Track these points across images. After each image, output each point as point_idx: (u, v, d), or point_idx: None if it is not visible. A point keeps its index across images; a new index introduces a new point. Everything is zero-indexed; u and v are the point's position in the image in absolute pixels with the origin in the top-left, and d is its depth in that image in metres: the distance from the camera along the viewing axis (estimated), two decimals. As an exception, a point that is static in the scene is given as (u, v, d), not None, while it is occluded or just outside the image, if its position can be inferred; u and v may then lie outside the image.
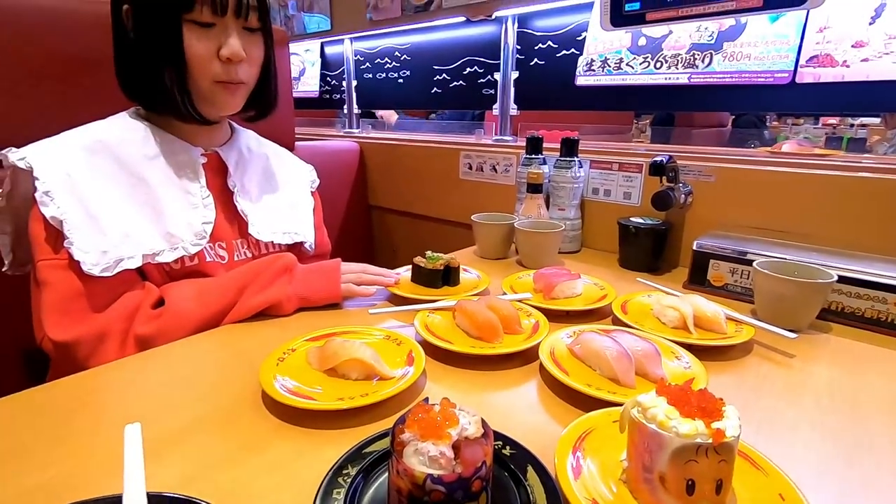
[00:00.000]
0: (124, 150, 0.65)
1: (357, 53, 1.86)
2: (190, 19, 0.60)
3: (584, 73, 1.23)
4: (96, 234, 0.60)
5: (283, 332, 0.62)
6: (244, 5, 0.62)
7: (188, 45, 0.61)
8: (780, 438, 0.44)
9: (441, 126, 1.95)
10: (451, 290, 0.76)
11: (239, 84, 0.66)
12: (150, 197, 0.65)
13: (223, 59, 0.63)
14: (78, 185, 0.60)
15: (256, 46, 0.67)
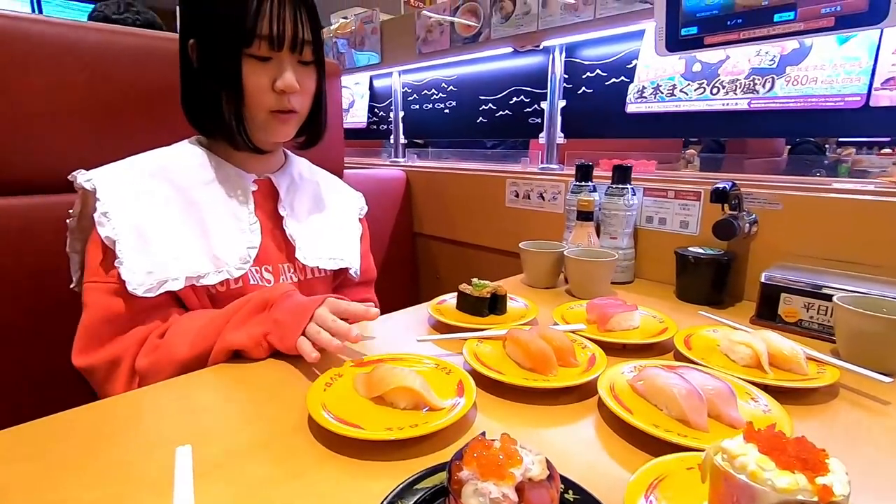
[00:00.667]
0: (181, 175, 0.69)
1: (405, 86, 1.91)
2: (249, 53, 0.64)
3: (634, 101, 1.21)
4: (145, 255, 0.61)
5: (331, 357, 0.61)
6: (299, 41, 0.65)
7: (246, 77, 0.64)
8: (886, 497, 0.38)
9: (485, 155, 1.96)
10: (498, 318, 0.74)
11: (291, 113, 0.69)
12: (200, 220, 0.67)
13: (277, 91, 0.66)
14: (134, 206, 0.63)
15: (309, 78, 0.70)
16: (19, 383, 0.77)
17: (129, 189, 0.64)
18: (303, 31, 0.65)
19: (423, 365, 0.56)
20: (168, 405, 0.51)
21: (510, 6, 1.20)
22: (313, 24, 0.67)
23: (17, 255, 0.74)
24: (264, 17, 0.62)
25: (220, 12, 0.63)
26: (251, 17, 0.61)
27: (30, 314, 0.76)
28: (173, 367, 0.58)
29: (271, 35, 0.63)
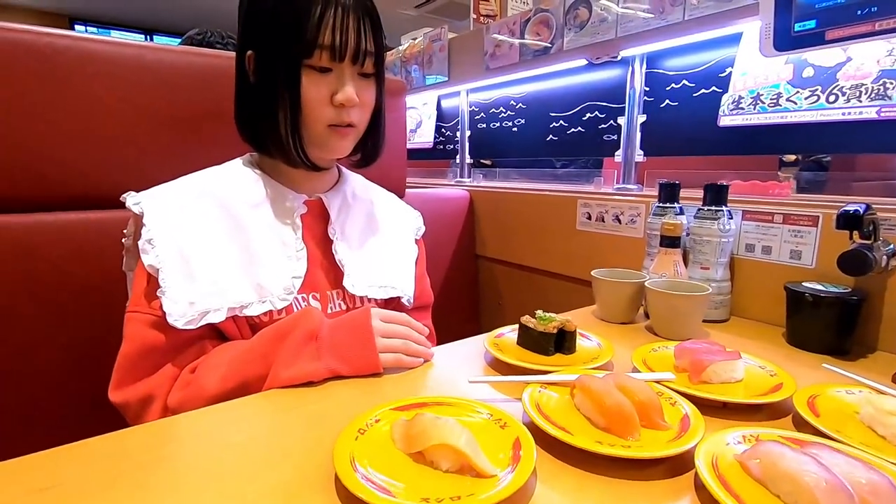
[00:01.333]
0: (230, 196, 0.66)
1: (472, 105, 1.87)
2: (309, 65, 0.61)
3: (729, 113, 1.07)
4: (188, 284, 0.59)
5: (369, 394, 0.54)
6: (361, 52, 0.62)
7: (305, 89, 0.61)
8: None
9: (554, 175, 1.86)
10: (565, 358, 0.64)
11: (349, 128, 0.65)
12: (246, 246, 0.64)
13: (336, 104, 0.62)
14: (179, 232, 0.61)
15: (369, 91, 0.66)
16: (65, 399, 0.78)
17: (176, 214, 0.62)
18: (365, 42, 0.62)
19: (475, 415, 0.47)
20: (199, 436, 0.47)
21: (585, 14, 1.12)
22: (376, 35, 0.63)
23: (74, 268, 0.76)
24: (327, 26, 0.59)
25: (280, 22, 0.60)
26: (313, 26, 0.58)
27: (85, 326, 0.77)
28: (204, 403, 0.53)
29: (333, 45, 0.60)
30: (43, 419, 0.76)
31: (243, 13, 0.65)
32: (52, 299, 0.75)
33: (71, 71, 0.76)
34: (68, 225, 0.76)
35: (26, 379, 0.74)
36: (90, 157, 0.78)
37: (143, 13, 6.39)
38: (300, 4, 0.58)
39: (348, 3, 0.59)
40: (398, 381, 0.59)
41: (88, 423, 0.73)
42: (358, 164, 0.75)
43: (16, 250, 0.72)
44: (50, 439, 0.44)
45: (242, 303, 0.61)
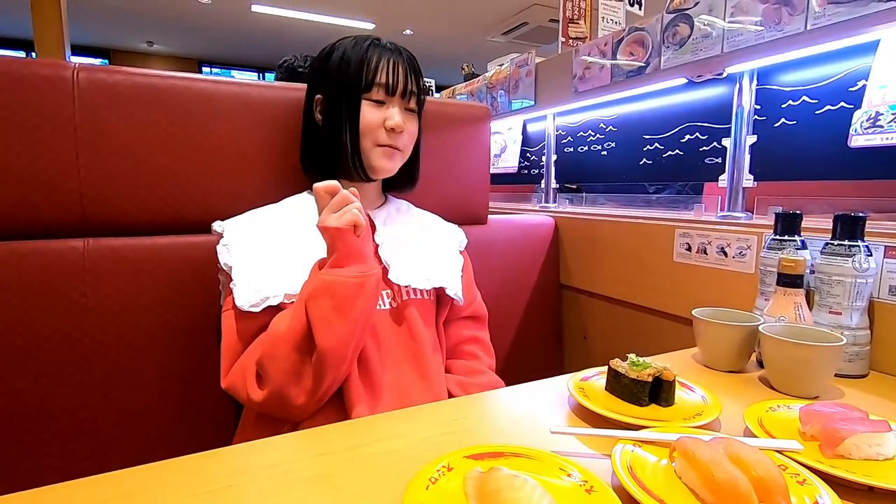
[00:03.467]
0: (293, 215, 0.78)
1: (559, 128, 1.82)
2: (367, 98, 0.77)
3: (863, 132, 0.93)
4: (254, 276, 0.69)
5: (441, 436, 0.51)
6: (408, 91, 0.78)
7: (363, 116, 0.76)
8: None
9: (647, 200, 1.75)
10: (662, 412, 0.56)
11: (396, 150, 0.79)
12: (302, 249, 0.72)
13: (387, 129, 0.77)
14: (249, 239, 0.73)
15: (413, 123, 0.81)
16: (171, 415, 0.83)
17: (248, 227, 0.75)
18: (411, 84, 0.78)
19: (555, 474, 0.43)
20: (267, 468, 0.46)
21: (686, 30, 1.04)
22: (418, 80, 0.80)
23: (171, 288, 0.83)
24: (383, 69, 0.76)
25: (347, 67, 0.76)
26: (371, 69, 0.76)
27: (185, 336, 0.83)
28: (280, 345, 0.63)
29: (387, 83, 0.76)
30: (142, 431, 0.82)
31: (314, 71, 0.82)
32: (167, 316, 0.82)
33: (188, 108, 0.84)
34: (186, 246, 0.84)
35: (127, 395, 0.81)
36: (201, 185, 0.86)
37: (257, 54, 7.16)
38: (364, 54, 0.76)
39: (399, 56, 0.78)
40: (473, 422, 0.56)
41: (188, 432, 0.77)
42: (397, 188, 0.89)
43: (139, 270, 0.80)
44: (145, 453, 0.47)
45: (296, 290, 0.67)
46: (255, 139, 0.89)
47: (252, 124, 0.88)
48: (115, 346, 0.79)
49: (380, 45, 0.78)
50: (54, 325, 0.76)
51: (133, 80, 0.81)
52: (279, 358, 0.63)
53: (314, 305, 0.62)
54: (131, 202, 0.81)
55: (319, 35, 6.24)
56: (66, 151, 0.77)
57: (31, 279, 0.74)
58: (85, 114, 0.77)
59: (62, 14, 2.50)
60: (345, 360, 0.65)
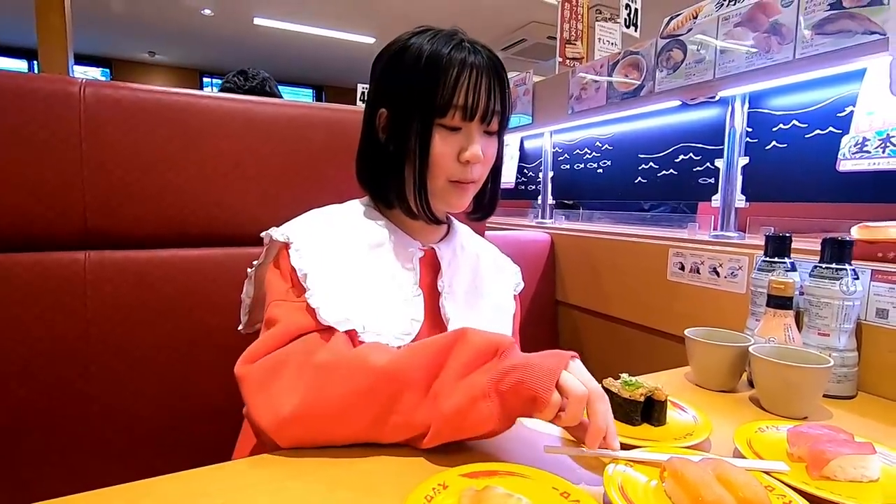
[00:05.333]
0: (352, 233, 0.69)
1: (556, 146, 1.85)
2: (441, 124, 0.64)
3: (851, 156, 0.95)
4: (329, 293, 0.61)
5: (434, 455, 0.52)
6: (490, 111, 0.64)
7: (435, 145, 0.64)
8: None
9: (643, 218, 1.77)
10: (654, 431, 0.58)
11: (471, 183, 0.67)
12: (367, 282, 0.65)
13: (463, 161, 0.64)
14: (319, 250, 0.64)
15: (492, 148, 0.68)
16: (170, 421, 0.84)
17: (316, 236, 0.66)
18: (494, 103, 0.64)
19: (551, 493, 0.43)
20: (253, 488, 0.47)
21: (679, 55, 1.07)
22: (503, 95, 0.66)
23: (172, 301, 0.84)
24: (462, 88, 0.62)
25: (419, 83, 0.63)
26: (449, 87, 0.62)
27: (199, 349, 0.85)
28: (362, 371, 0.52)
29: (466, 105, 0.63)
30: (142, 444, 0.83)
31: (379, 72, 0.69)
32: (167, 328, 0.83)
33: (192, 124, 0.86)
34: (187, 260, 0.85)
35: (127, 407, 0.81)
36: (203, 200, 0.87)
37: (259, 66, 7.21)
38: (439, 67, 0.62)
39: (483, 66, 0.63)
40: (470, 440, 0.56)
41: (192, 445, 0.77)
42: (475, 219, 0.76)
43: (139, 282, 0.81)
44: (164, 462, 0.47)
45: (366, 330, 0.61)
46: (258, 156, 0.90)
47: (255, 141, 0.90)
48: (115, 359, 0.80)
49: (461, 48, 0.63)
50: (55, 336, 0.76)
51: (137, 95, 0.82)
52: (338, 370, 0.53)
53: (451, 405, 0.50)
54: (133, 215, 0.82)
55: (321, 48, 6.33)
56: (71, 165, 0.78)
57: (33, 290, 0.75)
58: (90, 128, 0.79)
59: (67, 24, 2.53)
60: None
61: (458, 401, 0.49)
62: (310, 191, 0.93)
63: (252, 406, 0.55)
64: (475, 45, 0.64)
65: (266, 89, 1.66)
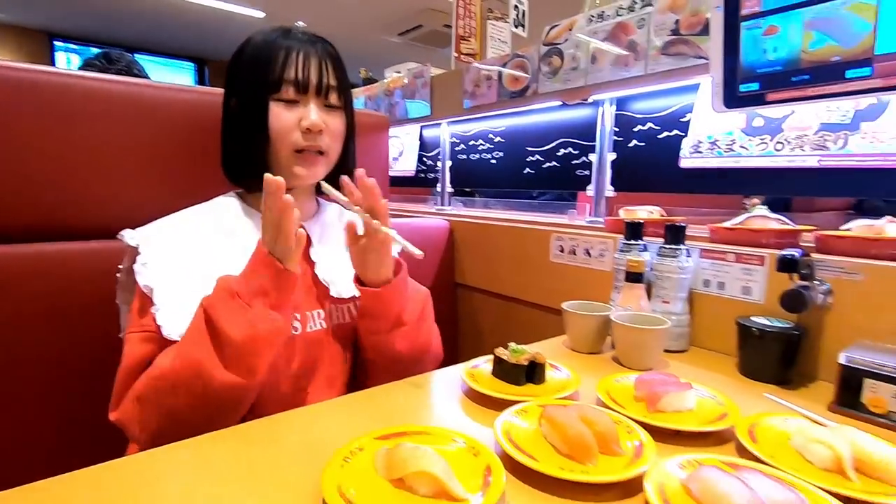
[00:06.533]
0: (217, 227, 0.72)
1: (453, 136, 1.94)
2: (276, 98, 0.70)
3: (689, 156, 1.15)
4: (178, 304, 0.63)
5: (352, 424, 0.58)
6: (324, 86, 0.71)
7: (273, 118, 0.70)
8: None
9: (531, 205, 1.93)
10: (535, 389, 0.69)
11: (318, 154, 0.73)
12: (233, 270, 0.66)
13: (303, 130, 0.70)
14: (171, 258, 0.66)
15: (336, 121, 0.74)
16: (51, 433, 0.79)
17: (168, 243, 0.68)
18: (327, 77, 0.71)
19: (451, 443, 0.52)
20: (172, 470, 0.50)
21: (558, 61, 1.20)
22: (338, 72, 0.73)
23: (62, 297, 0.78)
24: (291, 65, 0.69)
25: (255, 67, 0.70)
26: (279, 66, 0.69)
27: (75, 352, 0.79)
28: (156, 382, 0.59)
29: (297, 79, 0.69)
30: (41, 446, 0.77)
31: (229, 66, 0.75)
32: (48, 325, 0.77)
33: (67, 108, 0.79)
34: (66, 254, 0.79)
35: (22, 405, 0.76)
36: (84, 190, 0.82)
37: (123, 31, 6.40)
38: (270, 50, 0.69)
39: (312, 47, 0.71)
40: (379, 411, 0.63)
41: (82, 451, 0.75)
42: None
43: (11, 280, 0.75)
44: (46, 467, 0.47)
45: None
46: (145, 141, 0.86)
47: (143, 126, 0.86)
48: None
49: (289, 36, 0.70)
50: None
51: (7, 74, 0.75)
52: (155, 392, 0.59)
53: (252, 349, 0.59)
54: (7, 208, 0.75)
55: (203, 19, 5.80)
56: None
57: None
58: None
59: None
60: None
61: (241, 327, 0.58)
62: (189, 180, 0.89)
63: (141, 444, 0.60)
64: (308, 35, 0.72)
65: (133, 73, 1.53)
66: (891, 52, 0.65)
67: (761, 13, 0.74)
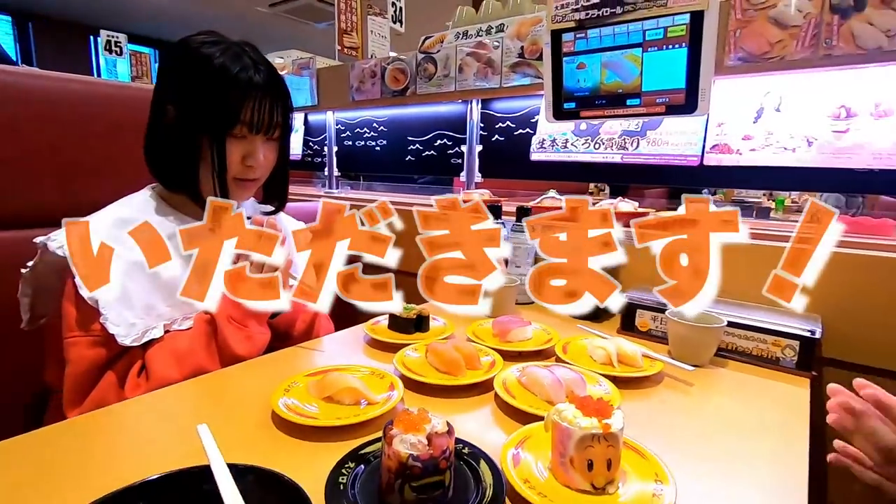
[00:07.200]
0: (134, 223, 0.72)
1: (338, 122, 2.06)
2: (231, 134, 0.75)
3: (537, 151, 1.45)
4: (126, 309, 0.70)
5: (285, 372, 0.75)
6: (273, 125, 0.78)
7: (228, 152, 0.75)
8: (689, 443, 0.59)
9: (413, 189, 2.14)
10: (422, 335, 0.90)
11: (251, 182, 0.82)
12: (166, 271, 0.72)
13: (246, 166, 0.78)
14: (108, 266, 0.68)
15: (272, 151, 0.82)
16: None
17: (99, 248, 0.68)
18: (277, 117, 0.77)
19: (361, 372, 0.71)
20: (149, 416, 0.62)
21: (432, 69, 1.41)
22: (285, 111, 0.80)
23: None
24: (248, 108, 0.74)
25: (211, 96, 0.72)
26: (236, 106, 0.73)
27: None
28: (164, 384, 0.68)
29: (251, 121, 0.74)
30: None
31: (168, 69, 0.77)
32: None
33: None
34: None
35: None
36: None
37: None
38: (228, 85, 0.72)
39: (267, 87, 0.75)
40: (305, 361, 0.80)
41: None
42: (271, 213, 0.90)
43: None
44: None
45: (173, 317, 0.75)
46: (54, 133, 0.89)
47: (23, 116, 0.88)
48: None
49: (247, 69, 0.72)
50: None
51: None
52: None
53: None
54: None
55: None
56: None
57: None
58: None
59: None
60: None
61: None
62: (110, 172, 0.95)
63: None
64: (258, 65, 0.74)
65: None
66: (652, 90, 0.96)
67: (575, 52, 1.02)
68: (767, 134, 1.10)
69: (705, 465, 0.54)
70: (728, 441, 0.60)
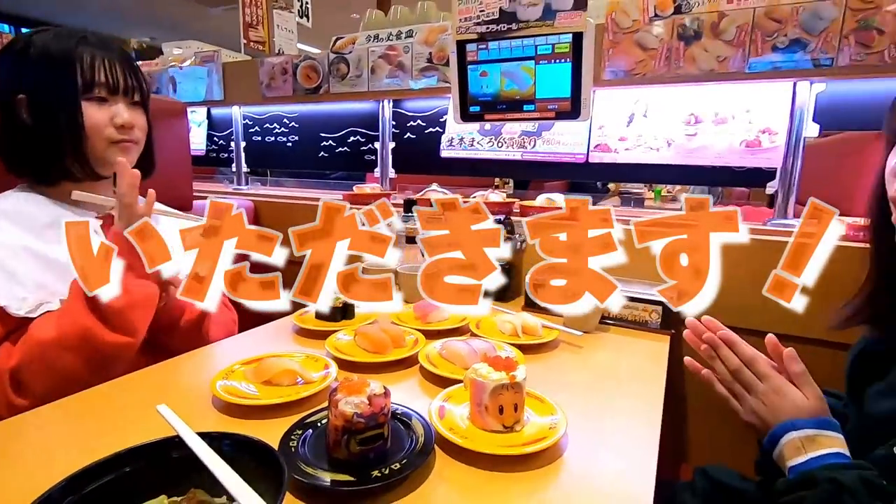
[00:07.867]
0: (23, 219, 0.76)
1: (245, 117, 2.02)
2: (88, 97, 0.77)
3: (446, 148, 1.56)
4: (15, 285, 0.71)
5: (223, 361, 0.78)
6: (130, 86, 0.82)
7: (88, 116, 0.77)
8: (579, 396, 0.72)
9: (327, 184, 2.16)
10: (348, 322, 0.97)
11: (132, 143, 0.83)
12: (53, 253, 0.74)
13: (117, 126, 0.80)
14: None
15: (141, 116, 0.85)
16: None
17: None
18: (132, 79, 0.82)
19: (297, 357, 0.77)
20: (109, 402, 0.63)
21: (345, 69, 1.46)
22: (138, 74, 0.84)
23: None
24: (99, 69, 0.78)
25: (56, 68, 0.75)
26: (87, 70, 0.76)
27: None
28: (42, 349, 0.66)
29: (108, 82, 0.78)
30: None
31: (7, 67, 0.77)
32: None
33: None
34: None
35: None
36: None
37: None
38: (71, 53, 0.75)
39: (110, 51, 0.79)
40: (240, 351, 0.83)
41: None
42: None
43: None
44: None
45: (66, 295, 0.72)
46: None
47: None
48: None
49: (88, 42, 0.77)
50: None
51: None
52: (36, 362, 0.66)
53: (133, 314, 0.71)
54: None
55: None
56: None
57: None
58: None
59: None
60: None
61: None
62: None
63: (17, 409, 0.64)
64: (98, 38, 0.79)
65: None
66: (544, 98, 1.10)
67: (478, 61, 1.14)
68: (638, 136, 1.30)
69: (590, 405, 0.68)
70: (607, 385, 0.75)
